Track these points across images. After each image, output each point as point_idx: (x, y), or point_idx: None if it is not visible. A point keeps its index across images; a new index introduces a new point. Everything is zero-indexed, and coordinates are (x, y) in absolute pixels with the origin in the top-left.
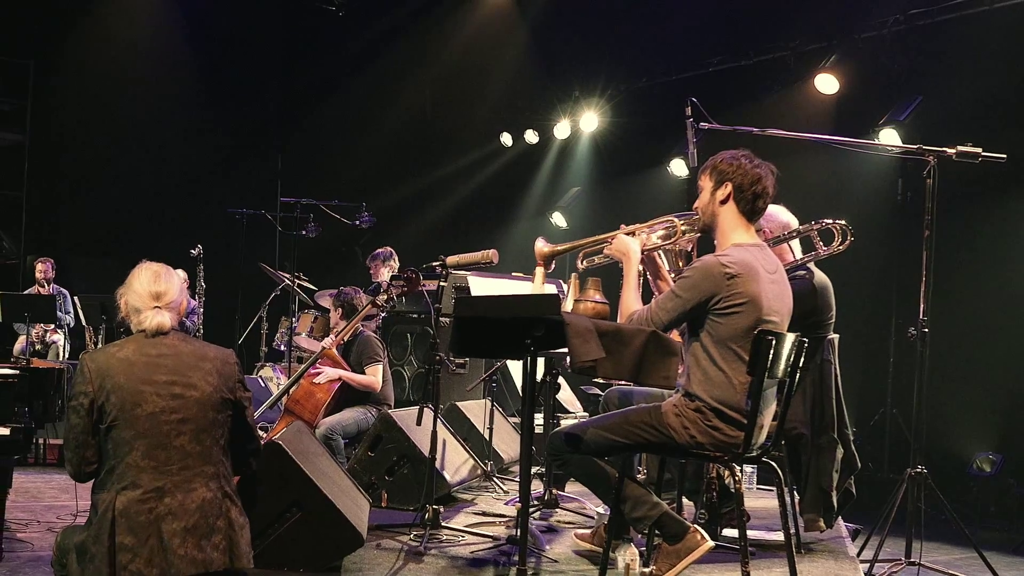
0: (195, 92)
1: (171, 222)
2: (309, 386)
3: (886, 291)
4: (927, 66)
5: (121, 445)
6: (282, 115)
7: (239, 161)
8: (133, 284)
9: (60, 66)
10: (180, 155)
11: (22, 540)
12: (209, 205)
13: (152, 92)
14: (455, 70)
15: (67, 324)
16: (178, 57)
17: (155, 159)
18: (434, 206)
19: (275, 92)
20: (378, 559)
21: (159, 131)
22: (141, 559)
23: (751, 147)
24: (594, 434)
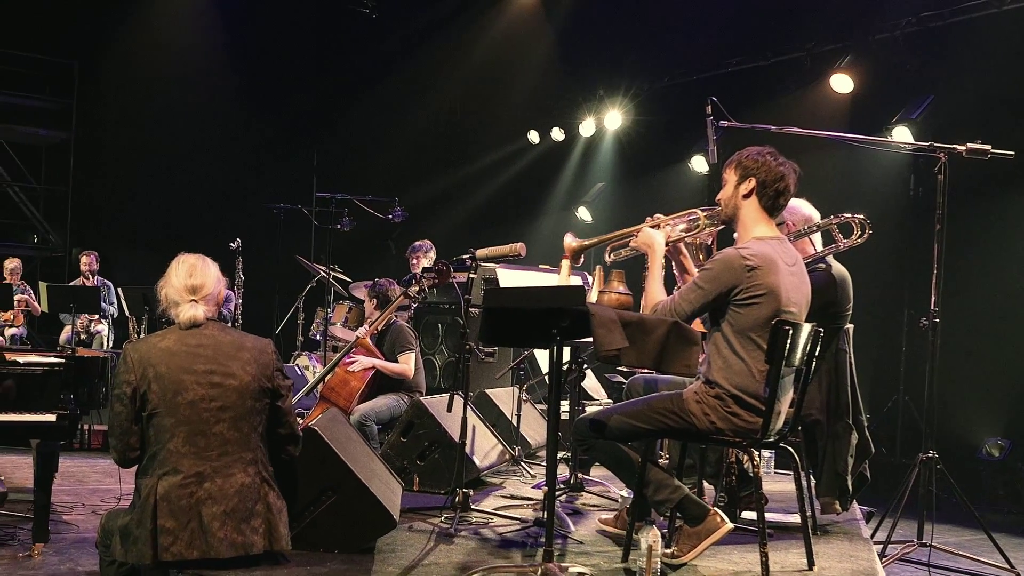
0: (233, 91)
1: (211, 216)
2: (344, 374)
3: (899, 283)
4: (939, 66)
5: (162, 432)
6: (317, 113)
7: (276, 158)
8: (171, 278)
9: (104, 67)
10: (219, 152)
11: (68, 522)
12: (248, 200)
13: (192, 91)
14: (484, 70)
15: (111, 315)
16: (217, 58)
17: (195, 156)
18: (464, 201)
19: (310, 91)
20: (410, 540)
21: (199, 129)
22: (182, 542)
23: (769, 144)
24: (618, 420)
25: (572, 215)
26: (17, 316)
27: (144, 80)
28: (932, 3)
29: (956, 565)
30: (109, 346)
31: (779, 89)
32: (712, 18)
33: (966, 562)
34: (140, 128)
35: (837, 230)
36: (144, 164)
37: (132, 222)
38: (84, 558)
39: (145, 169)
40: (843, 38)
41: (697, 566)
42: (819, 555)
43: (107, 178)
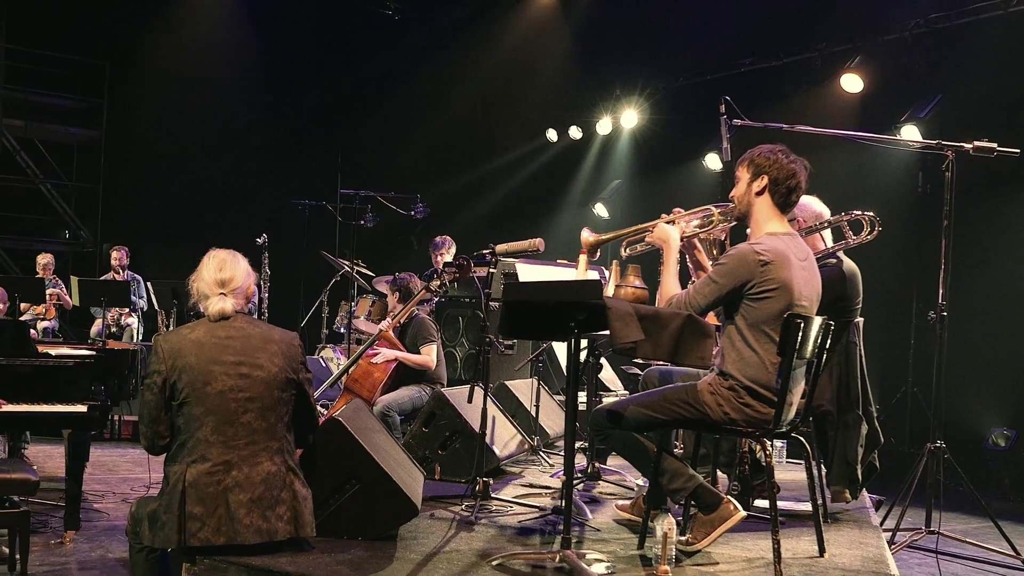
0: (260, 91)
1: (238, 212)
2: (367, 366)
3: (907, 278)
4: (946, 66)
5: (192, 421)
6: (342, 112)
7: (302, 155)
8: (202, 272)
9: (133, 67)
10: (246, 150)
11: (99, 510)
12: (274, 196)
13: (220, 91)
14: (504, 70)
15: (141, 308)
16: (244, 58)
17: (222, 154)
18: (484, 197)
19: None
20: (432, 528)
21: (226, 127)
22: (209, 528)
23: (781, 143)
24: (634, 411)
25: (589, 211)
26: (49, 310)
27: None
28: (940, 5)
29: (963, 552)
30: (139, 339)
31: (791, 89)
32: (725, 20)
33: (973, 549)
34: (169, 126)
35: (847, 227)
36: (172, 161)
37: (161, 218)
38: (114, 545)
39: (173, 166)
40: (853, 39)
41: (711, 553)
42: (830, 542)
43: (136, 175)
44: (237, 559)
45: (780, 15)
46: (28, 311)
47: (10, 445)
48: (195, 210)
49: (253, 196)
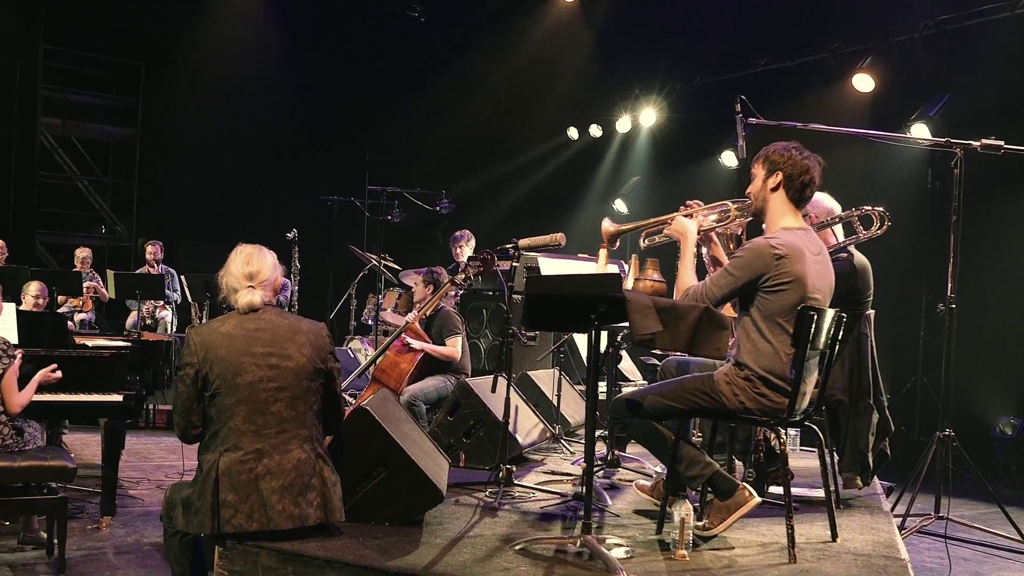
0: (290, 89)
1: (269, 208)
2: (394, 357)
3: (917, 271)
4: (955, 66)
5: (224, 411)
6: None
7: (330, 153)
8: (230, 267)
9: (168, 67)
10: (276, 147)
11: (134, 496)
12: (303, 193)
13: (250, 90)
14: (526, 70)
15: (175, 301)
16: (274, 58)
17: (254, 151)
18: (507, 194)
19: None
20: (456, 514)
21: (257, 125)
22: (242, 514)
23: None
24: (652, 400)
25: (609, 207)
26: (86, 302)
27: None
28: (948, 7)
29: (971, 537)
30: (172, 331)
31: (804, 88)
32: (741, 21)
33: (980, 534)
34: (202, 124)
35: (858, 222)
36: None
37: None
38: (149, 530)
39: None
40: (865, 40)
41: (727, 537)
42: (842, 527)
43: (171, 172)
44: (268, 544)
45: (794, 17)
46: (66, 304)
47: (48, 433)
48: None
49: (283, 192)
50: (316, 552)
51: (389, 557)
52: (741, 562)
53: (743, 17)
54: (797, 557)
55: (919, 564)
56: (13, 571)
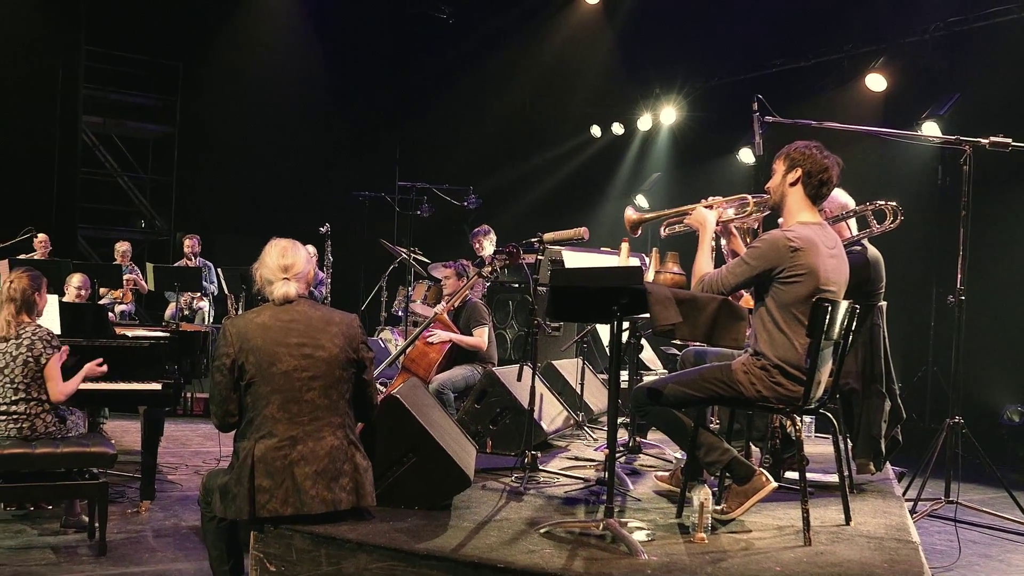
0: (323, 89)
1: (302, 203)
2: (423, 347)
3: (927, 264)
4: (964, 67)
5: (259, 399)
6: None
7: (362, 150)
8: (265, 260)
9: (205, 66)
10: (310, 144)
11: (172, 481)
12: (336, 188)
13: (285, 89)
14: (551, 70)
15: (212, 293)
16: (308, 59)
17: (288, 148)
18: (532, 189)
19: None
20: (483, 498)
21: (291, 123)
22: (277, 499)
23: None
24: (673, 389)
25: (631, 202)
26: (126, 294)
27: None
28: (958, 9)
29: (980, 520)
30: (210, 321)
31: (819, 87)
32: (758, 23)
33: (989, 518)
34: (238, 122)
35: (871, 216)
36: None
37: (231, 208)
38: (187, 514)
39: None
40: (877, 41)
41: (744, 521)
42: (855, 511)
43: (208, 168)
44: (301, 527)
45: (809, 19)
46: (107, 295)
47: (90, 421)
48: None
49: (317, 188)
50: (348, 535)
51: (418, 540)
52: (758, 545)
53: (760, 19)
54: (812, 540)
55: (930, 547)
56: (56, 553)
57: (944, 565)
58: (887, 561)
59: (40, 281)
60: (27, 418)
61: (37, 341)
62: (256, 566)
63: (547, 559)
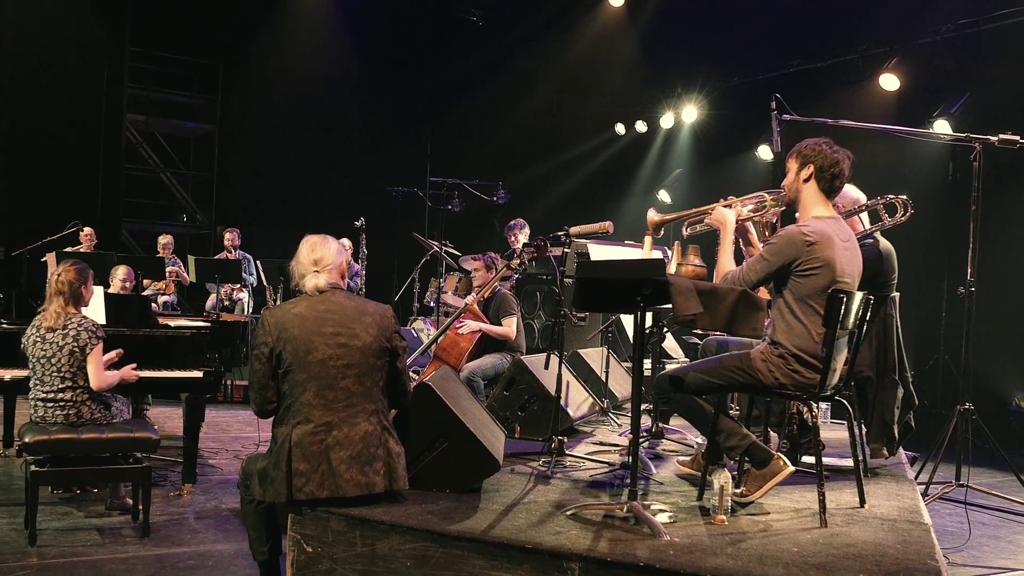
0: (357, 88)
1: (338, 198)
2: (454, 336)
3: (939, 256)
4: (974, 67)
5: (296, 386)
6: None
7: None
8: (299, 256)
9: (244, 66)
10: (345, 141)
11: (213, 465)
12: (370, 184)
13: (321, 88)
14: (577, 70)
15: (251, 284)
16: (343, 59)
17: (324, 145)
18: (559, 184)
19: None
20: (512, 482)
21: (327, 121)
22: (313, 483)
23: (825, 136)
24: (694, 376)
25: (653, 197)
26: (169, 286)
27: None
28: (968, 11)
29: (989, 503)
30: (249, 312)
31: (834, 87)
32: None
33: (998, 500)
34: (276, 120)
35: (883, 209)
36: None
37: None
38: (227, 497)
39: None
40: (890, 42)
41: (763, 503)
42: (869, 494)
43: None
44: (337, 510)
45: (825, 21)
46: (150, 287)
47: (133, 407)
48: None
49: (351, 183)
50: (382, 517)
51: (450, 522)
52: (776, 526)
53: (777, 21)
54: (828, 522)
55: (941, 528)
56: (101, 535)
57: (955, 546)
58: (900, 542)
59: (87, 273)
60: (73, 405)
61: (83, 332)
62: (293, 547)
63: (573, 540)
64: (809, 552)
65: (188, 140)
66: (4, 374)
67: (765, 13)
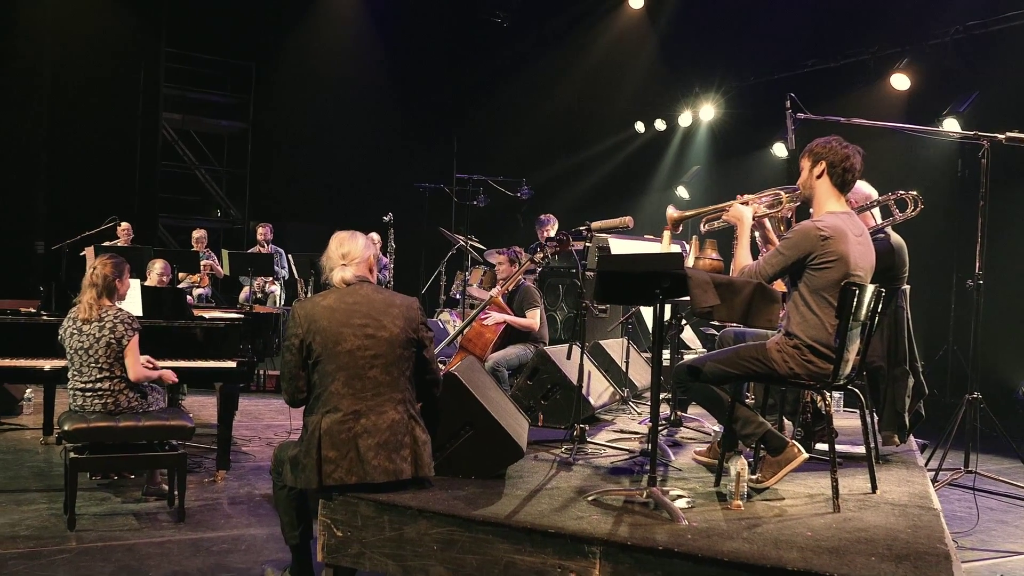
0: (386, 87)
1: (367, 194)
2: (480, 327)
3: (948, 250)
4: (982, 67)
5: (325, 376)
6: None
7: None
8: (328, 251)
9: (276, 67)
10: (373, 139)
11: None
12: (398, 180)
13: (350, 87)
14: (598, 70)
15: (283, 277)
16: (371, 59)
17: (353, 142)
18: (581, 181)
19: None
20: (535, 468)
21: (356, 119)
22: (342, 469)
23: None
24: (711, 366)
25: (672, 193)
26: (203, 279)
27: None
28: (977, 13)
29: (997, 489)
30: (281, 304)
31: (847, 87)
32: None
33: (1005, 486)
34: (306, 119)
35: (894, 205)
36: (310, 149)
37: (300, 198)
38: (260, 483)
39: (311, 153)
40: (901, 44)
41: (778, 489)
42: (881, 480)
43: (279, 161)
44: (366, 495)
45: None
46: (185, 280)
47: (169, 396)
48: (330, 191)
49: (380, 180)
50: (409, 503)
51: (475, 507)
52: (791, 511)
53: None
54: (841, 507)
55: (950, 513)
56: (138, 519)
57: (963, 530)
58: (910, 526)
59: (123, 268)
60: (111, 394)
61: (119, 324)
62: (324, 531)
63: (594, 524)
64: (822, 536)
65: (222, 138)
66: (44, 364)
67: (780, 15)
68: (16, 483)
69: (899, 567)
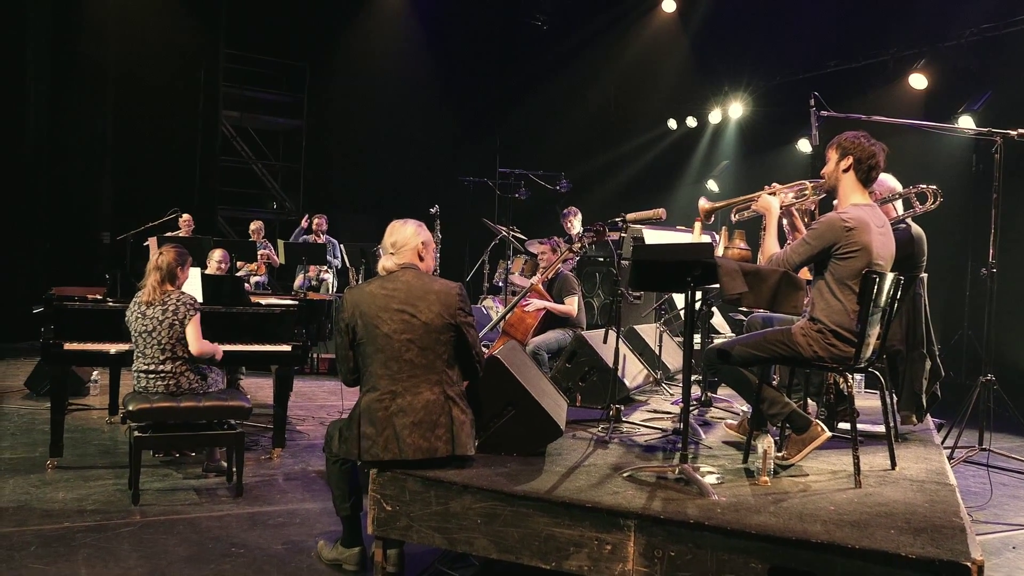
0: (433, 86)
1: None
2: (521, 313)
3: (963, 240)
4: (996, 67)
5: (366, 358)
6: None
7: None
8: (384, 240)
9: (329, 67)
10: (422, 135)
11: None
12: (444, 174)
13: (400, 86)
14: (633, 70)
15: (335, 266)
16: (420, 60)
17: (402, 138)
18: (617, 175)
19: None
20: (573, 446)
21: (405, 116)
22: (379, 445)
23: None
24: (740, 350)
25: (702, 186)
26: (260, 267)
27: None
28: (991, 16)
29: (1009, 466)
30: (333, 291)
31: (868, 86)
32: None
33: (1017, 463)
34: (358, 116)
35: (915, 198)
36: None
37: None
38: (313, 460)
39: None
40: (919, 45)
41: (803, 466)
42: (900, 457)
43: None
44: (414, 472)
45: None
46: (243, 268)
47: (228, 378)
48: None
49: (427, 173)
50: (454, 479)
51: (516, 483)
52: (815, 487)
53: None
54: (862, 483)
55: (965, 488)
56: (198, 495)
57: (978, 505)
58: (928, 501)
59: (185, 258)
60: (173, 376)
61: (181, 306)
62: (374, 505)
63: (629, 499)
64: (845, 510)
65: (278, 134)
66: (110, 348)
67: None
68: (84, 460)
69: (917, 539)
